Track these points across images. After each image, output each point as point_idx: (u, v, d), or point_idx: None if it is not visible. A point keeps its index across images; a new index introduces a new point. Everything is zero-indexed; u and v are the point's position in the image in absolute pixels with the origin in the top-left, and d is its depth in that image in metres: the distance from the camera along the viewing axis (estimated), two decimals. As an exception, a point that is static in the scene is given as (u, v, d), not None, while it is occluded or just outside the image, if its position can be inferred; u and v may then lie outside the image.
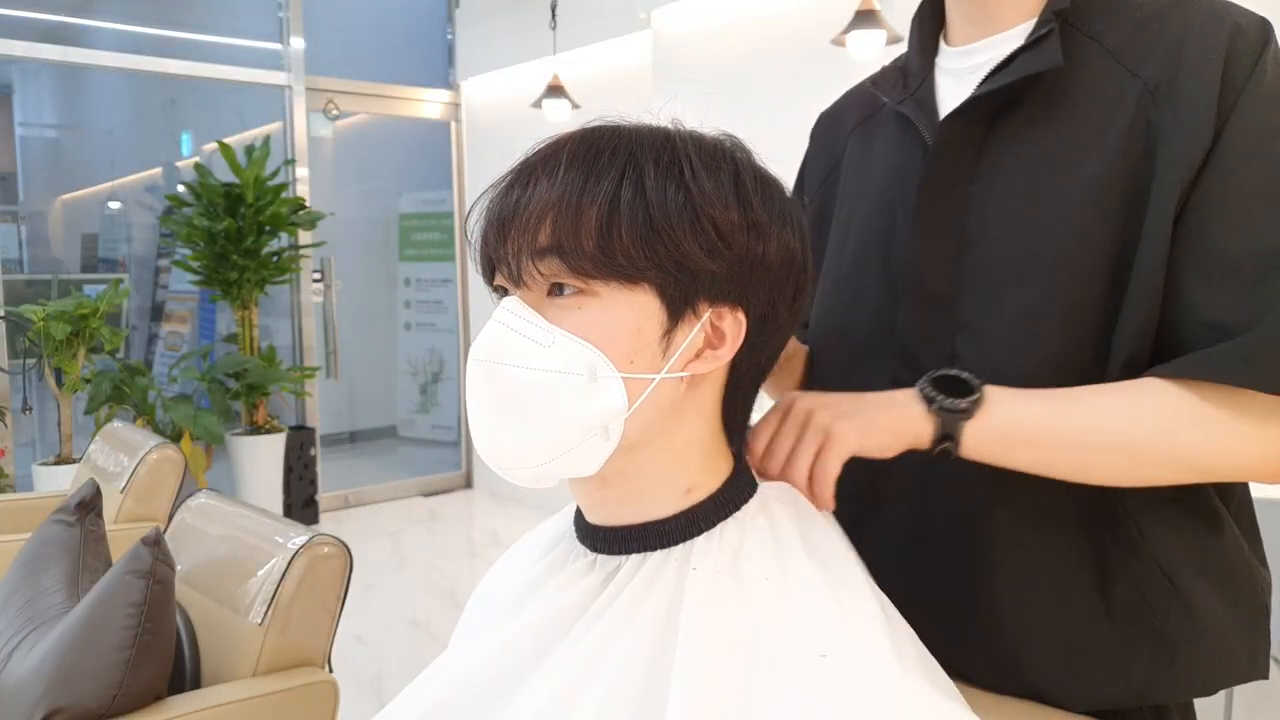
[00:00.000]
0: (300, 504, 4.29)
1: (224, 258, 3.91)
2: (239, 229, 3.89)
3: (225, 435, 3.87)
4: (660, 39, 3.70)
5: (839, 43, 2.63)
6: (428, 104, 5.00)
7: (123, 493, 2.13)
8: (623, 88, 3.99)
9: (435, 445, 5.62)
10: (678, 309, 0.61)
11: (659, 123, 0.65)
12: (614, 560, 0.66)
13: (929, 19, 0.87)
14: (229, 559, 1.50)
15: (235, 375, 3.93)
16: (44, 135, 5.75)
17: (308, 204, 4.31)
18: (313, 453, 4.37)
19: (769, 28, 3.31)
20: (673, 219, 0.59)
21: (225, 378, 3.95)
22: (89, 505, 1.55)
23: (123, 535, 1.87)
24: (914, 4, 0.88)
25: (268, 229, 3.98)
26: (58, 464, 3.50)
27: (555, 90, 3.77)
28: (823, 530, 0.67)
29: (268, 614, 1.37)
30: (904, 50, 0.91)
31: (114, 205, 5.62)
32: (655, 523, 0.65)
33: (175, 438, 3.70)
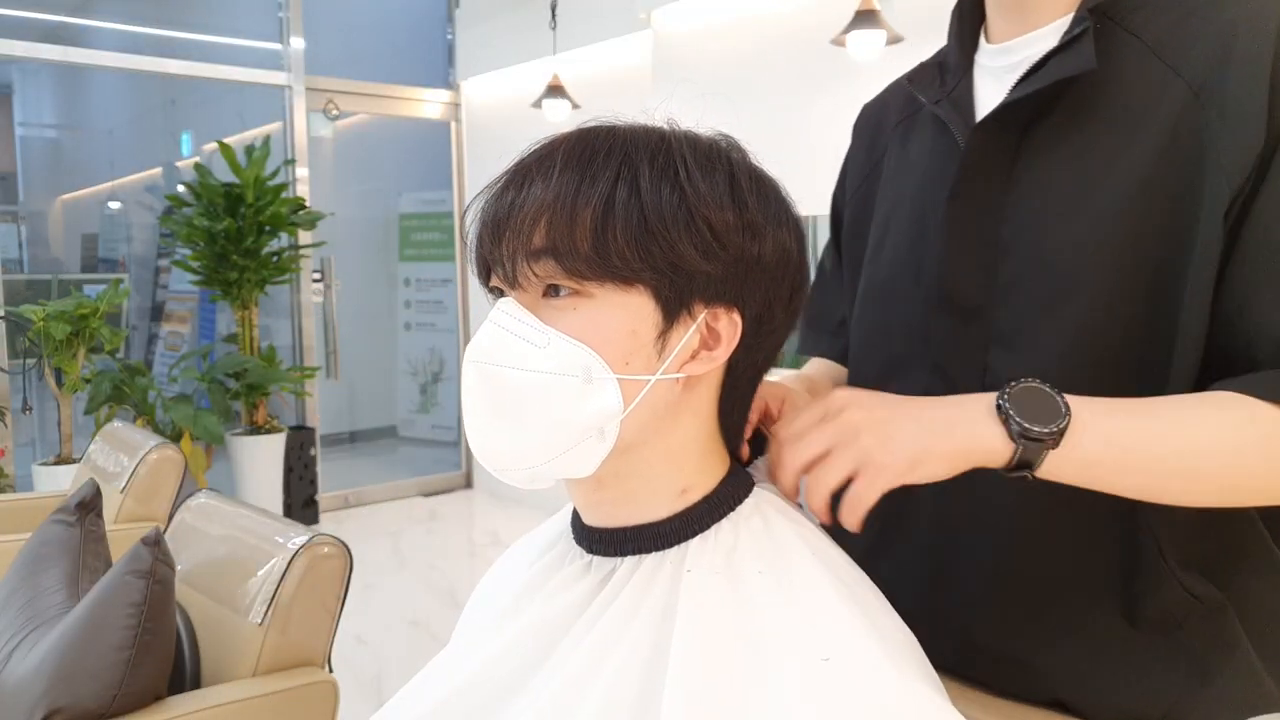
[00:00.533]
0: (300, 504, 4.29)
1: (224, 258, 3.91)
2: (239, 229, 3.89)
3: (225, 435, 3.87)
4: (660, 39, 3.70)
5: (839, 43, 2.63)
6: (428, 104, 5.00)
7: (123, 493, 2.13)
8: (623, 88, 3.99)
9: (435, 445, 5.62)
10: (673, 310, 0.61)
11: (655, 123, 0.64)
12: (609, 562, 0.66)
13: (969, 12, 0.83)
14: (229, 559, 1.50)
15: (235, 375, 3.93)
16: (44, 135, 5.74)
17: (308, 204, 4.31)
18: (313, 453, 4.37)
19: (769, 28, 3.31)
20: (667, 220, 0.59)
21: (225, 378, 3.95)
22: (89, 505, 1.55)
23: (123, 535, 1.88)
24: (915, 4, 0.86)
25: (268, 229, 3.98)
26: (58, 464, 3.50)
27: (555, 90, 3.77)
28: (814, 530, 0.67)
29: (268, 614, 1.37)
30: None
31: (114, 205, 5.62)
32: (650, 525, 0.65)
33: (175, 438, 3.70)
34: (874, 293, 0.87)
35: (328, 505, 4.60)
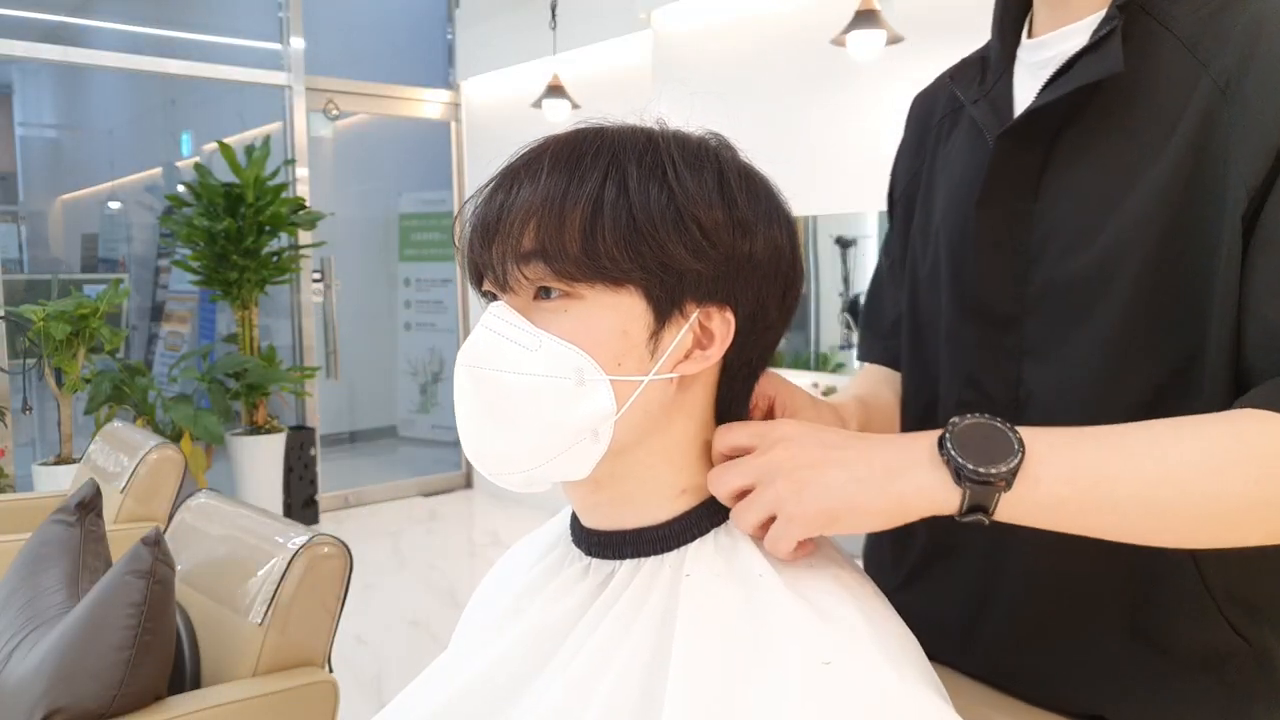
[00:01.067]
0: (300, 504, 4.29)
1: (224, 258, 3.91)
2: (239, 229, 3.89)
3: (225, 435, 3.87)
4: (660, 39, 3.71)
5: (839, 43, 2.63)
6: (428, 104, 5.00)
7: (123, 493, 2.13)
8: (623, 88, 3.99)
9: (435, 445, 5.62)
10: (664, 310, 0.61)
11: (645, 123, 0.64)
12: (608, 565, 0.66)
13: (1014, 2, 0.79)
14: (229, 559, 1.50)
15: (235, 375, 3.94)
16: (44, 135, 5.75)
17: (308, 204, 4.31)
18: (313, 453, 4.37)
19: (769, 28, 3.31)
20: (656, 219, 0.59)
21: (225, 378, 3.95)
22: (89, 505, 1.55)
23: (123, 535, 1.88)
24: (915, 4, 0.85)
25: (268, 229, 3.98)
26: (58, 464, 3.50)
27: (555, 90, 3.77)
28: None
29: (268, 614, 1.37)
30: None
31: (114, 205, 5.62)
32: (649, 528, 0.65)
33: (175, 438, 3.70)
34: (917, 297, 0.85)
35: (328, 505, 4.60)
